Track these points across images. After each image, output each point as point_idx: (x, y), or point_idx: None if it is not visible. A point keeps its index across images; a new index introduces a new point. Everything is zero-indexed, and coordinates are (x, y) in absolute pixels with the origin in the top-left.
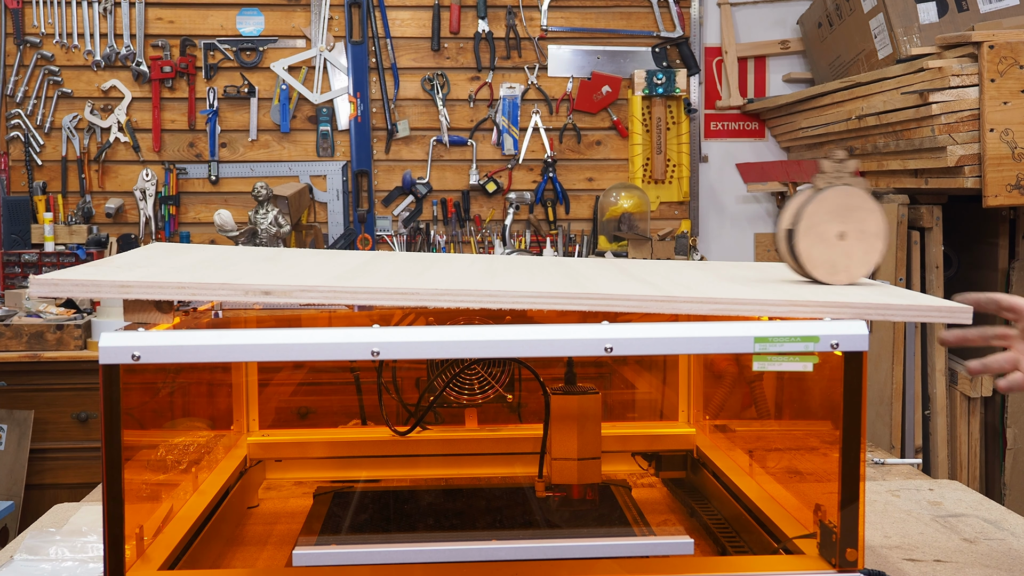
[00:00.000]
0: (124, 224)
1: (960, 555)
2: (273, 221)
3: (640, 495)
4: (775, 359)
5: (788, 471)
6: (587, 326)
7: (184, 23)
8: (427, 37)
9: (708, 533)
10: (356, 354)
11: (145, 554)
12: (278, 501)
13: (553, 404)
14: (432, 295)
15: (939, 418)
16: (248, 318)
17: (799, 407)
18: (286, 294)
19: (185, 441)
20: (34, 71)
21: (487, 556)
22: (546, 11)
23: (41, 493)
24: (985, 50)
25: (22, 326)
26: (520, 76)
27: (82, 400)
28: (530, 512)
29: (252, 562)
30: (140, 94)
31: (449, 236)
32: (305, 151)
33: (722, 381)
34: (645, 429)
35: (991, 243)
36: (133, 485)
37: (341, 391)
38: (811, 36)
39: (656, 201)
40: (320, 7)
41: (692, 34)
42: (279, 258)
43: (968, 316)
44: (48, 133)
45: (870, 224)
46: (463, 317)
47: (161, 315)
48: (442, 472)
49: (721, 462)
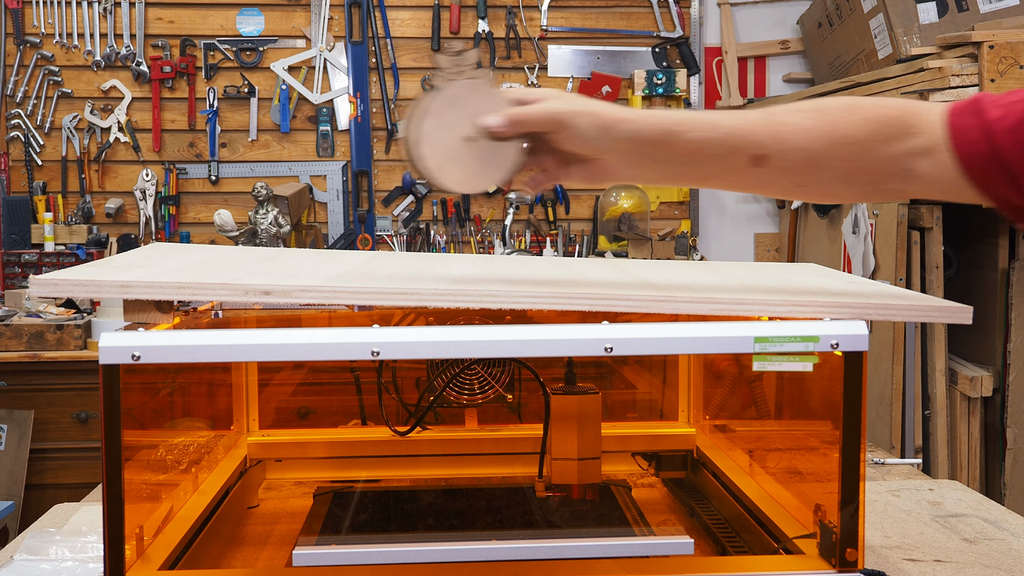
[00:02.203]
0: (124, 224)
1: (960, 555)
2: (273, 221)
3: (640, 495)
4: (775, 359)
5: (788, 471)
6: (587, 326)
7: (184, 23)
8: (427, 37)
9: (708, 533)
10: (356, 354)
11: (145, 554)
12: (278, 501)
13: (553, 404)
14: (432, 295)
15: (939, 418)
16: (248, 318)
17: (799, 407)
18: (286, 294)
19: (185, 441)
20: (34, 71)
21: (487, 556)
22: (546, 11)
23: (41, 493)
24: (985, 50)
25: (22, 326)
26: (520, 76)
27: (82, 400)
28: (530, 512)
29: (252, 562)
30: (140, 94)
31: (449, 236)
32: (305, 151)
33: (722, 381)
34: (645, 429)
35: (991, 243)
36: (133, 485)
37: (341, 391)
38: (811, 36)
39: (656, 201)
40: (320, 7)
41: (692, 34)
42: (279, 258)
43: (968, 316)
44: (48, 133)
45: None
46: (463, 317)
47: (161, 315)
48: (442, 472)
49: (721, 462)
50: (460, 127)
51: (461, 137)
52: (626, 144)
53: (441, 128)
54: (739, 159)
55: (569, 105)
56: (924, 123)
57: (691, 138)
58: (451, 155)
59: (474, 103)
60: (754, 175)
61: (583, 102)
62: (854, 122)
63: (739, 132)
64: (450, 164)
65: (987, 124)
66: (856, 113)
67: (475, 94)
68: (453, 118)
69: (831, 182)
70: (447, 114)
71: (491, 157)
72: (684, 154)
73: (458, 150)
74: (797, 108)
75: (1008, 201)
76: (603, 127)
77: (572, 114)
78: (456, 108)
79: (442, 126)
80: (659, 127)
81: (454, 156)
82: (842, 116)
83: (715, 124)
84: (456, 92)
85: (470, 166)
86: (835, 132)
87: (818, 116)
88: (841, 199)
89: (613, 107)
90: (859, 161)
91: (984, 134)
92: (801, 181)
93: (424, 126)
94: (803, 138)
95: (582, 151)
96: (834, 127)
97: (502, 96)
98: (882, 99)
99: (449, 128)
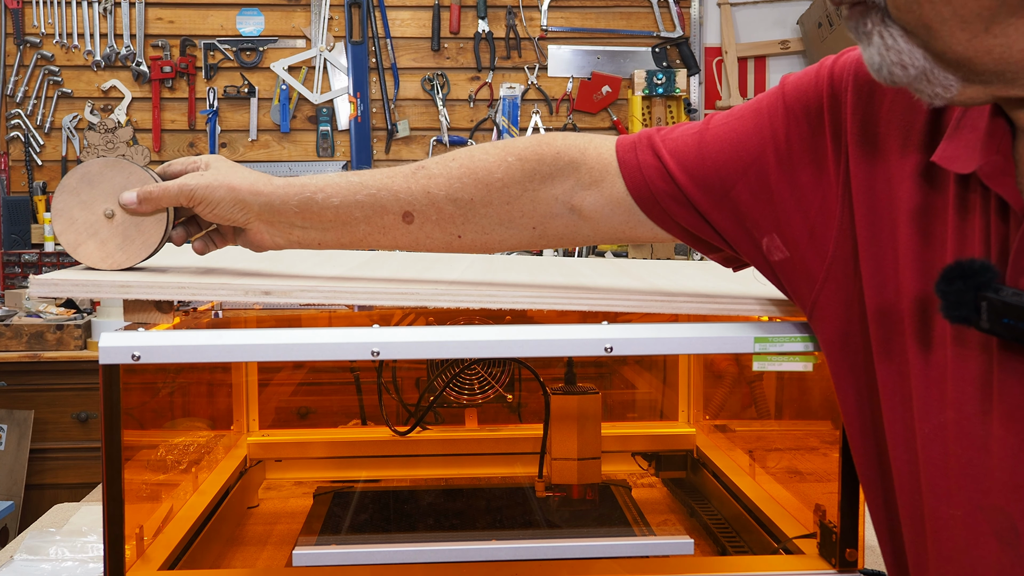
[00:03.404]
0: None
1: None
2: None
3: (640, 495)
4: (775, 359)
5: (788, 471)
6: (587, 326)
7: (184, 23)
8: (427, 37)
9: (708, 533)
10: (356, 354)
11: (145, 554)
12: (278, 501)
13: (553, 404)
14: (432, 295)
15: None
16: (248, 318)
17: (799, 407)
18: (286, 294)
19: (185, 441)
20: (34, 71)
21: (487, 556)
22: (546, 11)
23: (41, 493)
24: None
25: (22, 326)
26: (520, 76)
27: (82, 400)
28: (530, 512)
29: (252, 562)
30: (140, 94)
31: None
32: (305, 151)
33: (722, 381)
34: (645, 429)
35: None
36: (133, 485)
37: (341, 391)
38: (811, 36)
39: None
40: (320, 7)
41: (692, 34)
42: (279, 258)
43: None
44: (48, 133)
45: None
46: (463, 317)
47: (161, 315)
48: (442, 472)
49: (721, 462)
50: (100, 203)
51: (103, 213)
52: (267, 215)
53: (79, 204)
54: (389, 218)
55: (208, 180)
56: (591, 158)
57: (333, 204)
58: (91, 231)
59: (116, 180)
60: (409, 233)
61: (226, 175)
62: (508, 164)
63: (385, 191)
64: (89, 239)
65: (657, 155)
66: (510, 154)
67: (117, 171)
68: (92, 194)
69: (490, 228)
70: (85, 191)
71: (135, 233)
72: (331, 220)
73: (99, 226)
74: (450, 157)
75: (689, 232)
76: (238, 201)
77: (208, 188)
78: (95, 185)
79: (80, 202)
80: (298, 197)
81: (95, 232)
82: (493, 159)
83: (360, 186)
84: (96, 169)
85: (111, 241)
86: (488, 177)
87: (468, 163)
88: (505, 245)
89: (253, 178)
90: (517, 203)
91: (655, 170)
92: (458, 231)
93: (60, 202)
94: (453, 187)
95: (226, 222)
96: (487, 172)
97: (144, 173)
98: (544, 136)
99: (88, 204)
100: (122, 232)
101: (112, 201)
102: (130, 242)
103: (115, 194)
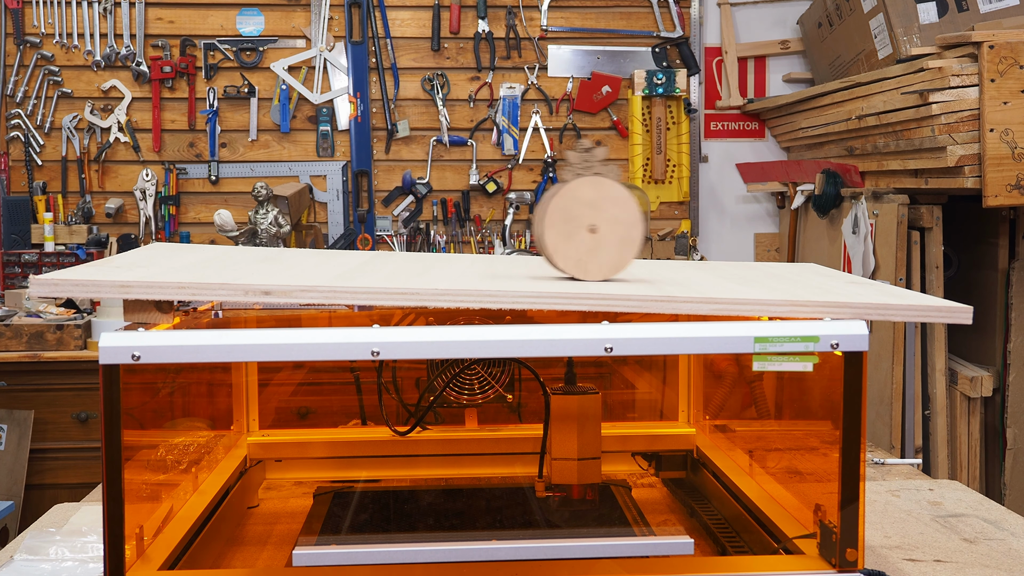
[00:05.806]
0: (124, 224)
1: (960, 555)
2: (273, 221)
3: (640, 495)
4: (775, 359)
5: (788, 471)
6: (587, 326)
7: (184, 23)
8: (427, 37)
9: (708, 533)
10: (356, 354)
11: (145, 554)
12: (278, 501)
13: (553, 404)
14: (432, 295)
15: (939, 418)
16: (248, 318)
17: (799, 407)
18: (286, 294)
19: (185, 441)
20: (34, 71)
21: (487, 556)
22: (546, 11)
23: (41, 493)
24: (985, 50)
25: (22, 326)
26: (520, 76)
27: (82, 400)
28: (530, 512)
29: (252, 562)
30: (140, 94)
31: (449, 236)
32: (305, 151)
33: (722, 381)
34: (645, 429)
35: (991, 243)
36: (133, 485)
37: (341, 391)
38: (811, 36)
39: (656, 201)
40: (320, 7)
41: (692, 34)
42: (279, 258)
43: (968, 316)
44: (48, 133)
45: (623, 214)
46: (463, 317)
47: (161, 315)
48: (442, 472)
49: (721, 462)
50: (584, 219)
51: (585, 228)
52: None
53: (565, 220)
54: None
55: None
56: None
57: None
58: (573, 245)
59: (599, 197)
60: None
61: None
62: None
63: None
64: (569, 252)
65: None
66: None
67: (600, 189)
68: (577, 210)
69: None
70: (571, 207)
71: (610, 245)
72: None
73: (581, 239)
74: None
75: None
76: None
77: None
78: (580, 201)
79: (566, 217)
80: None
81: (575, 245)
82: None
83: None
84: (581, 187)
85: (591, 255)
86: None
87: None
88: None
89: None
90: None
91: None
92: None
93: (546, 218)
94: None
95: None
96: None
97: (622, 191)
98: None
99: (573, 219)
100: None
101: (595, 216)
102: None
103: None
